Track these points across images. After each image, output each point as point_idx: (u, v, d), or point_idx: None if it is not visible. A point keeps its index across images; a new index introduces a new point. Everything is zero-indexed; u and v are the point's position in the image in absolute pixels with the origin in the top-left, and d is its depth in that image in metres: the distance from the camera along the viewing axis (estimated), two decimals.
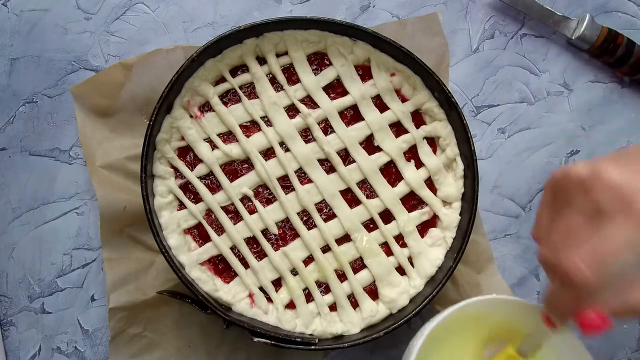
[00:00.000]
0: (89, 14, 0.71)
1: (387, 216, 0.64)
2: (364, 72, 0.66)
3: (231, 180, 0.63)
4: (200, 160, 0.63)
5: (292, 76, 0.65)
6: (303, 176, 0.64)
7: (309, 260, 0.63)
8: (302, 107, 0.64)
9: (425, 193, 0.64)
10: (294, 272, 0.62)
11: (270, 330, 0.58)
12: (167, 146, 0.62)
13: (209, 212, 0.62)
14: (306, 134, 0.64)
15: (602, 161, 0.40)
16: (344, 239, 0.63)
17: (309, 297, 0.62)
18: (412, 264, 0.64)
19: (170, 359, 0.66)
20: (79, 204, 0.69)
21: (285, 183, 0.63)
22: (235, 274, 0.62)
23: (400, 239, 0.64)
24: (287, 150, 0.64)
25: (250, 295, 0.61)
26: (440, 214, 0.64)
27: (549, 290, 0.45)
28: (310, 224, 0.63)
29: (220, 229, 0.62)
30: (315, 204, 0.63)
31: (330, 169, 0.64)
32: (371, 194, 0.64)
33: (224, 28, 0.71)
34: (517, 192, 0.72)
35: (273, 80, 0.65)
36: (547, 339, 0.51)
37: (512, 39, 0.74)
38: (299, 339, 0.58)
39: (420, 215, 0.64)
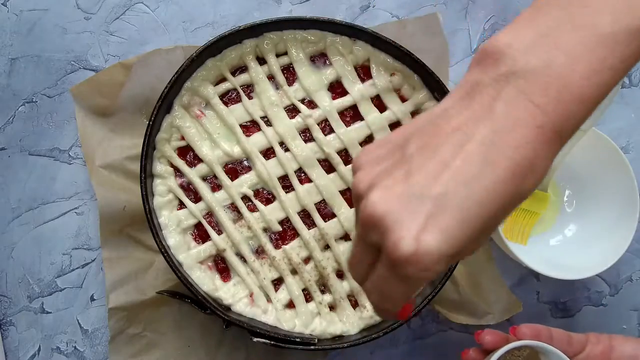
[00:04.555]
0: (89, 14, 0.71)
1: None
2: (364, 72, 0.66)
3: (231, 180, 0.63)
4: (200, 160, 0.63)
5: (292, 76, 0.65)
6: (303, 176, 0.64)
7: (308, 259, 0.63)
8: (302, 107, 0.64)
9: None
10: (294, 271, 0.62)
11: (269, 330, 0.58)
12: (166, 146, 0.62)
13: (208, 212, 0.62)
14: (306, 134, 0.64)
15: None
16: (344, 238, 0.63)
17: (308, 297, 0.62)
18: None
19: (170, 359, 0.66)
20: (79, 203, 0.69)
21: (285, 183, 0.63)
22: (235, 273, 0.62)
23: None
24: (286, 150, 0.64)
25: (250, 295, 0.61)
26: None
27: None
28: (310, 223, 0.63)
29: (220, 228, 0.62)
30: (315, 204, 0.63)
31: (330, 168, 0.64)
32: None
33: (224, 28, 0.71)
34: None
35: (273, 80, 0.65)
36: None
37: None
38: (298, 339, 0.58)
39: None
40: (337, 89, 0.66)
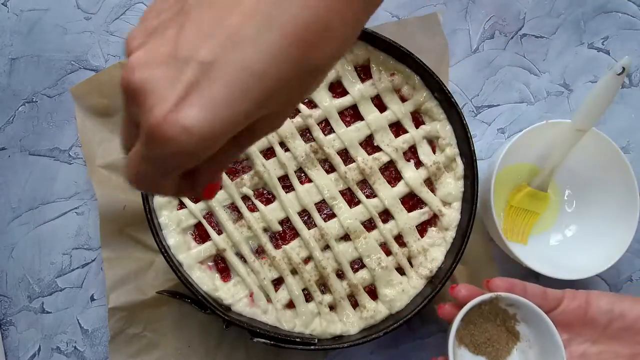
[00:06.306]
0: (89, 14, 0.71)
1: (386, 216, 0.64)
2: (364, 72, 0.66)
3: (231, 180, 0.63)
4: None
5: None
6: (303, 176, 0.64)
7: (308, 259, 0.63)
8: (302, 107, 0.64)
9: (424, 193, 0.64)
10: (294, 271, 0.62)
11: (269, 330, 0.58)
12: None
13: (209, 211, 0.62)
14: (306, 134, 0.64)
15: None
16: (344, 238, 0.63)
17: (308, 297, 0.62)
18: (411, 263, 0.64)
19: (170, 359, 0.66)
20: (79, 203, 0.69)
21: (285, 183, 0.63)
22: (235, 273, 0.62)
23: (399, 238, 0.64)
24: (286, 149, 0.63)
25: (250, 295, 0.61)
26: (440, 213, 0.64)
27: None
28: (310, 223, 0.63)
29: (220, 228, 0.62)
30: (315, 204, 0.63)
31: (330, 168, 0.64)
32: (371, 194, 0.64)
33: None
34: None
35: None
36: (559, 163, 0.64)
37: (512, 39, 0.74)
38: (298, 339, 0.58)
39: (419, 215, 0.64)
40: (337, 88, 0.66)
